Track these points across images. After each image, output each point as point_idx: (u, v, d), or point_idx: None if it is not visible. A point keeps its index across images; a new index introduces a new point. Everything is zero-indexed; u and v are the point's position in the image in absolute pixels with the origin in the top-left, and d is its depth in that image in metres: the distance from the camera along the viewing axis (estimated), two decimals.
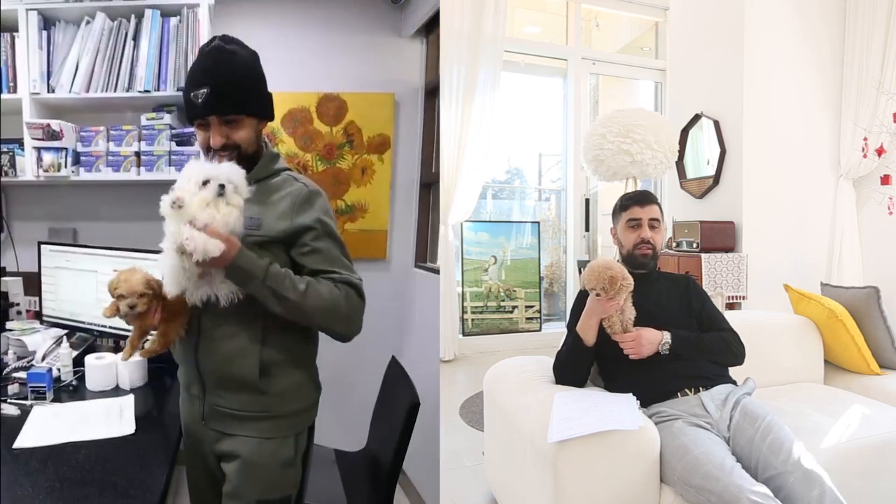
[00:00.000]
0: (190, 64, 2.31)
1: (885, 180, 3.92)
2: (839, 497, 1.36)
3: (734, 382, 1.78)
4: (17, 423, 1.53)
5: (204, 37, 2.30)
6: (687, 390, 1.71)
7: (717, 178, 4.18)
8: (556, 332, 3.41)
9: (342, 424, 2.30)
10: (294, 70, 2.79)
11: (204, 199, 1.23)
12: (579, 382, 1.83)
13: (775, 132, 4.05)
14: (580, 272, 4.14)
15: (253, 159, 1.38)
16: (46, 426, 1.53)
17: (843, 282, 3.93)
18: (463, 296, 4.87)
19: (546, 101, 5.54)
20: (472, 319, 4.92)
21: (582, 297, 1.90)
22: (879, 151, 3.83)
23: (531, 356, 2.15)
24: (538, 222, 5.30)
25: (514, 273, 5.08)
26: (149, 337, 1.39)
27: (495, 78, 4.43)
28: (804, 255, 4.14)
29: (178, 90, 2.30)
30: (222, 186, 1.24)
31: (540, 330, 5.05)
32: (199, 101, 1.30)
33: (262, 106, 1.39)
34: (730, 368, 1.83)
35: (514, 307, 5.04)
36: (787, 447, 1.46)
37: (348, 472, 2.07)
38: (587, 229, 5.29)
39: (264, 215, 1.33)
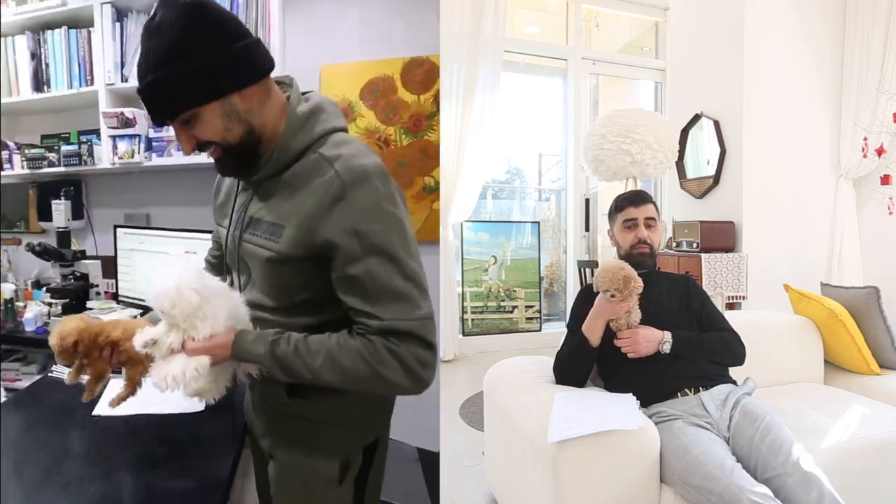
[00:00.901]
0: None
1: (885, 180, 3.92)
2: (838, 499, 1.36)
3: (734, 382, 1.78)
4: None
5: (274, 11, 2.28)
6: (687, 390, 1.71)
7: (717, 178, 4.18)
8: (556, 332, 3.41)
9: (424, 423, 2.28)
10: (374, 34, 2.54)
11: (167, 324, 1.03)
12: (580, 383, 1.83)
13: (775, 132, 4.05)
14: (580, 272, 4.16)
15: (256, 143, 1.05)
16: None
17: (843, 282, 3.93)
18: (463, 296, 4.87)
19: (546, 101, 5.53)
20: (472, 319, 4.92)
21: (583, 296, 1.91)
22: (879, 151, 3.83)
23: (531, 356, 2.14)
24: (538, 222, 5.29)
25: (514, 273, 5.08)
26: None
27: (495, 78, 4.43)
28: (804, 255, 4.14)
29: None
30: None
31: (540, 330, 5.05)
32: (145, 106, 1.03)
33: (215, 81, 0.99)
34: (730, 368, 1.83)
35: (514, 307, 5.04)
36: (787, 448, 1.46)
37: (431, 471, 2.06)
38: (587, 229, 5.29)
39: (290, 219, 1.01)
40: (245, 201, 1.14)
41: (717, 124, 4.17)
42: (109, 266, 2.66)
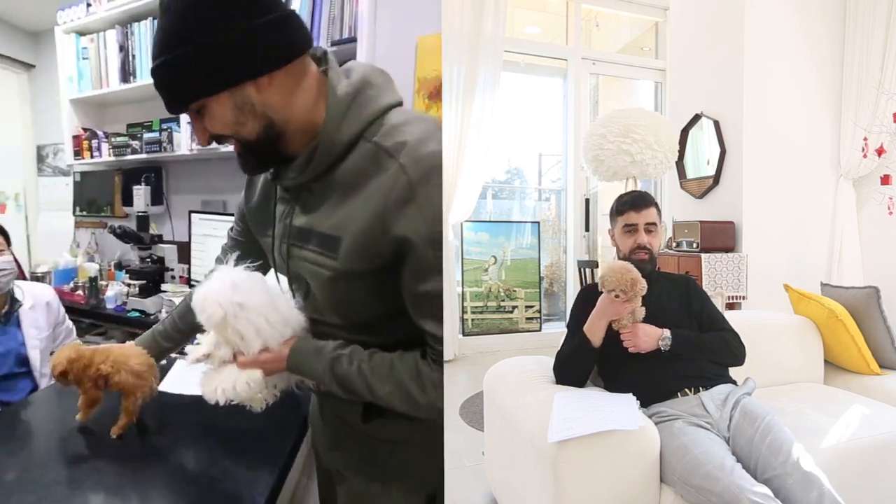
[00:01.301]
0: (346, 12, 2.03)
1: (885, 180, 3.92)
2: (838, 499, 1.36)
3: (734, 382, 1.78)
4: (163, 370, 1.60)
5: None
6: (687, 390, 1.71)
7: (717, 178, 4.18)
8: (556, 332, 3.40)
9: None
10: None
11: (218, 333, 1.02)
12: (580, 383, 1.83)
13: (775, 132, 4.05)
14: (580, 272, 4.16)
15: (276, 139, 0.88)
16: (185, 377, 1.56)
17: (843, 282, 3.93)
18: (463, 296, 4.87)
19: (546, 101, 5.53)
20: (472, 319, 4.91)
21: (583, 296, 1.90)
22: (879, 151, 3.83)
23: (531, 356, 2.14)
24: (538, 222, 5.29)
25: (514, 273, 5.07)
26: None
27: (495, 78, 4.42)
28: (804, 255, 4.14)
29: (331, 45, 2.07)
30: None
31: (540, 330, 5.05)
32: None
33: (221, 68, 0.81)
34: (730, 368, 1.83)
35: (514, 307, 5.03)
36: (787, 448, 1.46)
37: None
38: (587, 229, 5.29)
39: (346, 230, 0.86)
40: (287, 210, 0.97)
41: (717, 124, 4.17)
42: (185, 251, 2.75)
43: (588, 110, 5.44)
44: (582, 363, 1.81)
